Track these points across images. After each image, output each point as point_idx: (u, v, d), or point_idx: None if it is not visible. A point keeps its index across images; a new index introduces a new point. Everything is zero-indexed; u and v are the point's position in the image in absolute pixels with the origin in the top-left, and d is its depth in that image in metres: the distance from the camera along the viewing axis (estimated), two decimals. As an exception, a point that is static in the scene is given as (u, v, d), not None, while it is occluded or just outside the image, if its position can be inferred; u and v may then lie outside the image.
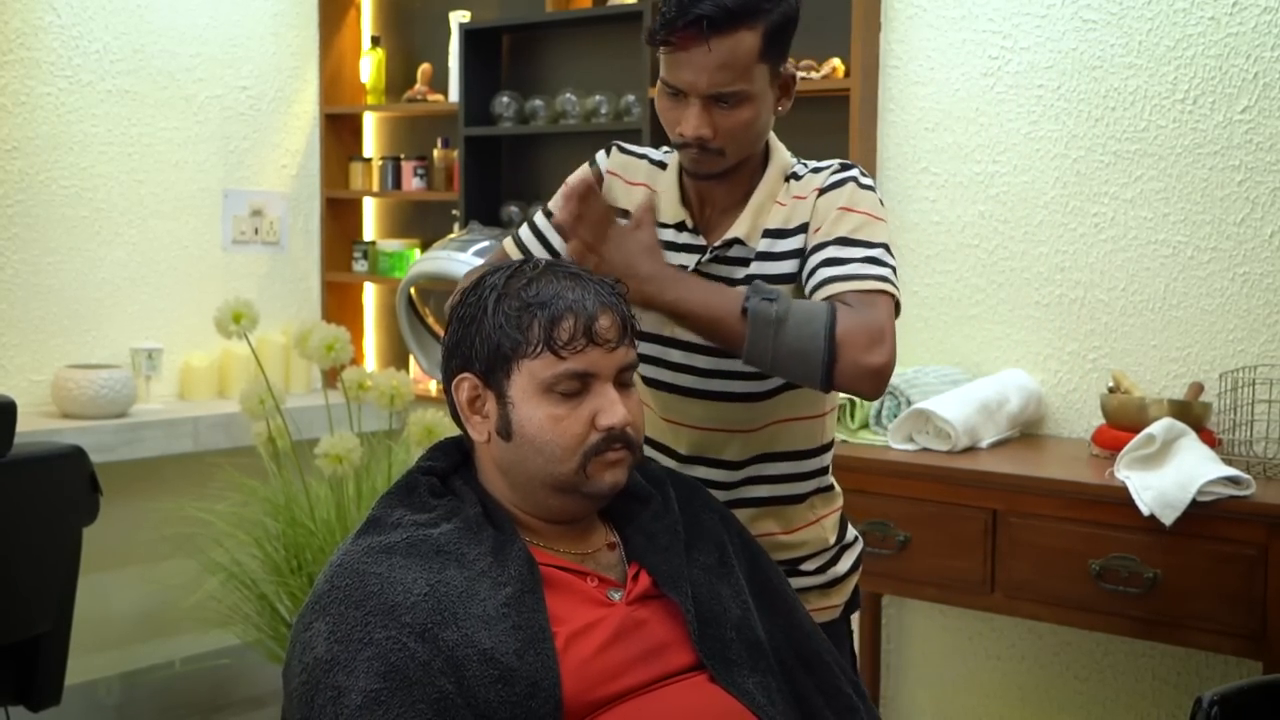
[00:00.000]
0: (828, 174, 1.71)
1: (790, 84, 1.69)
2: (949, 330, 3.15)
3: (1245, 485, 2.35)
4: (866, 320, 1.54)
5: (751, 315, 1.52)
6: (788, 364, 1.54)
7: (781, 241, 1.71)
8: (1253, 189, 2.76)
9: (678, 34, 1.57)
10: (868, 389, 1.55)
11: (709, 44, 1.56)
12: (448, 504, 1.48)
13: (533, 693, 1.32)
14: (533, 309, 1.43)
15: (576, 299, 1.44)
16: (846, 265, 1.61)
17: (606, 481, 1.45)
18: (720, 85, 1.58)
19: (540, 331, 1.42)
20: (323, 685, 1.31)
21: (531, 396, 1.44)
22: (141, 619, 3.73)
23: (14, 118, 3.47)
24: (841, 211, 1.65)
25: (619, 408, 1.44)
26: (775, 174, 1.73)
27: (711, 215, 1.75)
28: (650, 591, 1.48)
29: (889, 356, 1.54)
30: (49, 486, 2.70)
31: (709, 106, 1.60)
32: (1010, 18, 3.02)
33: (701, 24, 1.54)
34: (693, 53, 1.57)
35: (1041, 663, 3.05)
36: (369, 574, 1.37)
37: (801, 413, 1.79)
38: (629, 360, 1.48)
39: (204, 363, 3.85)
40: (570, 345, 1.42)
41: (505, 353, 1.44)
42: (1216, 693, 1.53)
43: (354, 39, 4.28)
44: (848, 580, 1.91)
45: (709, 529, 1.60)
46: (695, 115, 1.60)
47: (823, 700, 1.54)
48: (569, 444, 1.43)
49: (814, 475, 1.84)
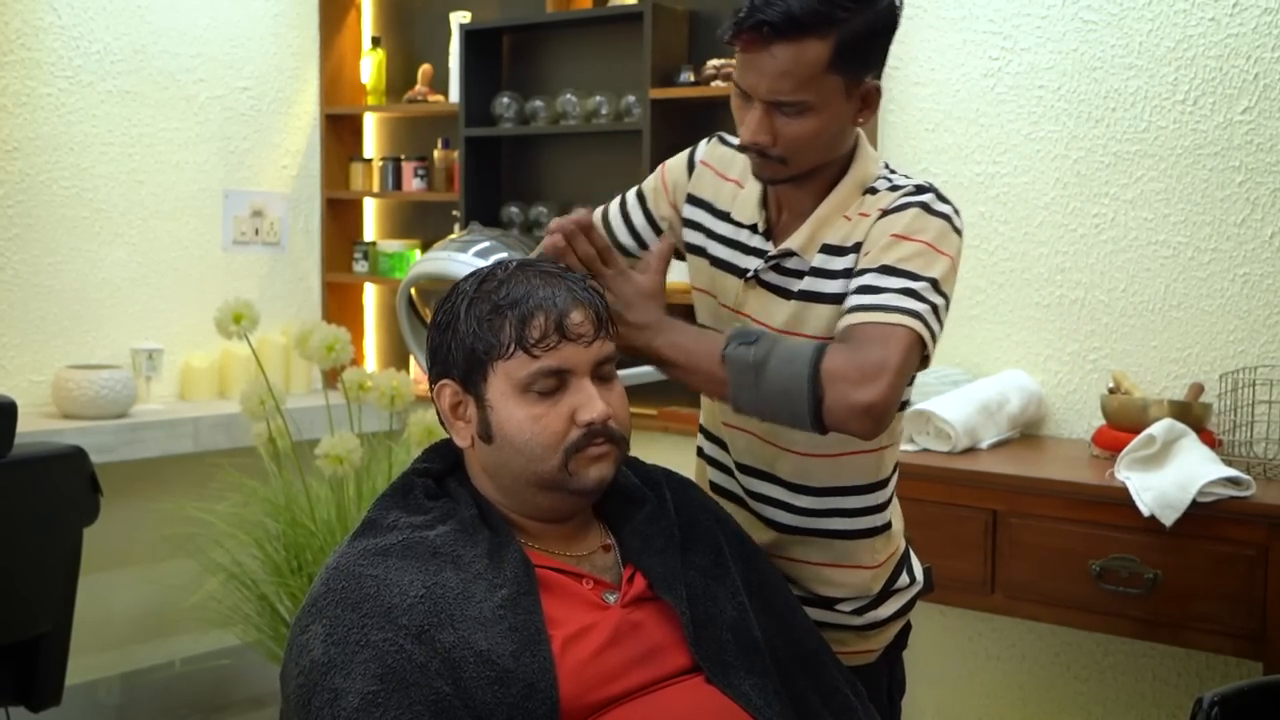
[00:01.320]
0: (899, 194, 1.60)
1: (873, 96, 1.60)
2: (949, 331, 3.14)
3: (1245, 486, 2.35)
4: (863, 356, 1.46)
5: (729, 363, 1.49)
6: (776, 406, 1.48)
7: (837, 259, 1.62)
8: (1253, 190, 2.76)
9: (743, 36, 1.52)
10: (857, 428, 1.46)
11: (771, 50, 1.50)
12: (443, 506, 1.48)
13: (529, 694, 1.32)
14: (503, 310, 1.43)
15: (547, 296, 1.43)
16: (878, 295, 1.52)
17: (591, 477, 1.45)
18: (780, 93, 1.52)
19: (511, 331, 1.42)
20: (320, 688, 1.31)
21: (509, 397, 1.43)
22: (142, 619, 3.73)
23: (14, 118, 3.47)
24: (894, 239, 1.55)
25: (597, 402, 1.43)
26: (850, 186, 1.63)
27: (786, 220, 1.67)
28: (645, 594, 1.48)
29: (883, 394, 1.44)
30: (49, 487, 2.71)
31: (770, 112, 1.54)
32: (1011, 19, 3.02)
33: (763, 29, 1.49)
34: (757, 56, 1.52)
35: (1042, 663, 3.05)
36: (365, 576, 1.37)
37: (853, 446, 1.66)
38: (605, 353, 1.47)
39: (204, 363, 3.85)
40: (542, 343, 1.42)
41: (480, 357, 1.44)
42: (1217, 693, 1.53)
43: (354, 39, 4.28)
44: (888, 626, 1.80)
45: (705, 530, 1.59)
46: (756, 120, 1.55)
47: (820, 700, 1.54)
48: (549, 442, 1.43)
49: (866, 513, 1.73)
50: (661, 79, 3.50)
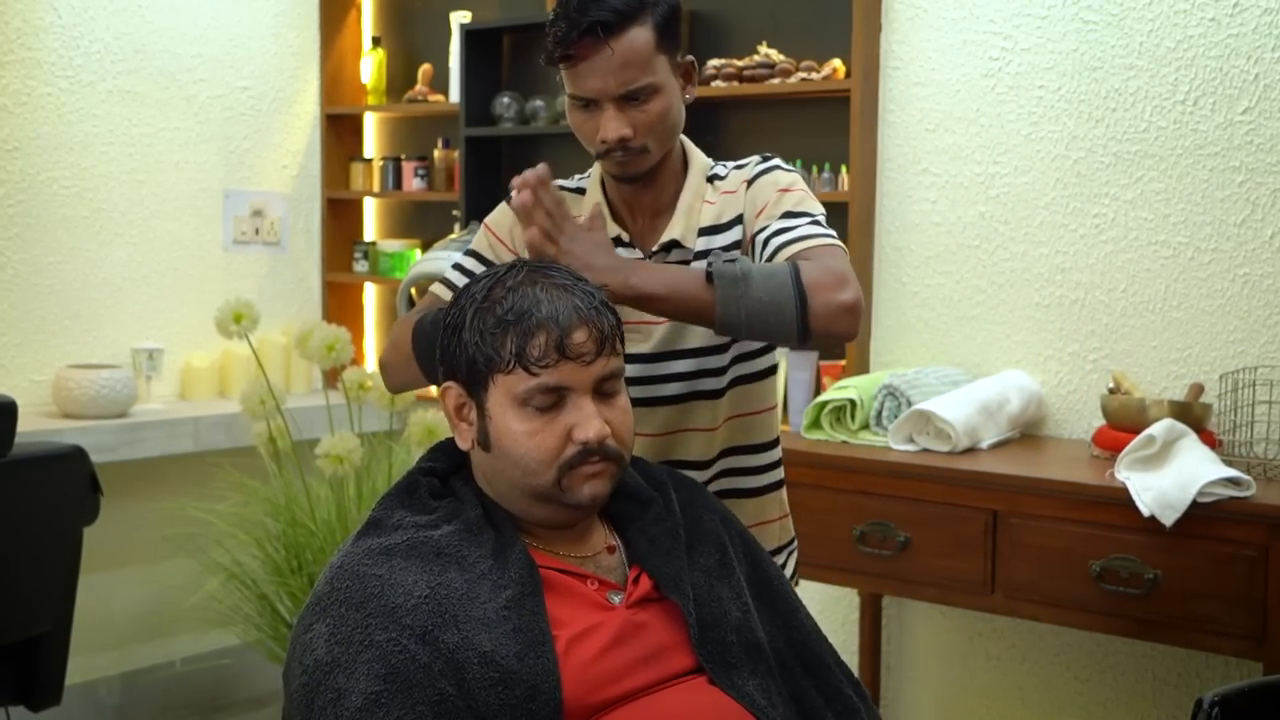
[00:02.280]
0: (752, 167, 1.79)
1: (691, 70, 1.75)
2: (949, 331, 3.15)
3: (1245, 486, 2.35)
4: (827, 266, 1.59)
5: (717, 277, 1.54)
6: (763, 318, 1.55)
7: (718, 237, 1.76)
8: (1253, 190, 2.76)
9: (577, 45, 1.62)
10: (844, 327, 1.58)
11: (610, 47, 1.62)
12: (448, 505, 1.48)
13: (533, 695, 1.32)
14: (506, 325, 1.42)
15: (550, 314, 1.42)
16: (796, 230, 1.68)
17: (585, 493, 1.45)
18: (629, 83, 1.64)
19: (512, 346, 1.42)
20: (323, 687, 1.31)
21: (507, 410, 1.43)
22: (142, 619, 3.73)
23: (15, 118, 3.47)
24: (780, 194, 1.73)
25: (595, 421, 1.43)
26: (697, 175, 1.79)
27: (643, 224, 1.80)
28: (650, 594, 1.48)
29: (858, 294, 1.58)
30: (50, 486, 2.71)
31: (623, 107, 1.65)
32: (1011, 19, 3.02)
33: (597, 30, 1.61)
34: (596, 60, 1.63)
35: (1042, 663, 3.05)
36: (369, 576, 1.37)
37: (752, 408, 1.86)
38: (609, 370, 1.46)
39: (205, 363, 3.85)
40: (542, 361, 1.41)
41: (480, 368, 1.44)
42: (1217, 694, 1.53)
43: (355, 39, 4.28)
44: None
45: (710, 531, 1.59)
46: (612, 118, 1.66)
47: (823, 701, 1.54)
48: (544, 457, 1.43)
49: (772, 468, 1.91)
50: (662, 79, 3.50)
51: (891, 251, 3.22)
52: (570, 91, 1.68)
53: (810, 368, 3.23)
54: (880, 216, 3.24)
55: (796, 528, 2.00)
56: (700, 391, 1.81)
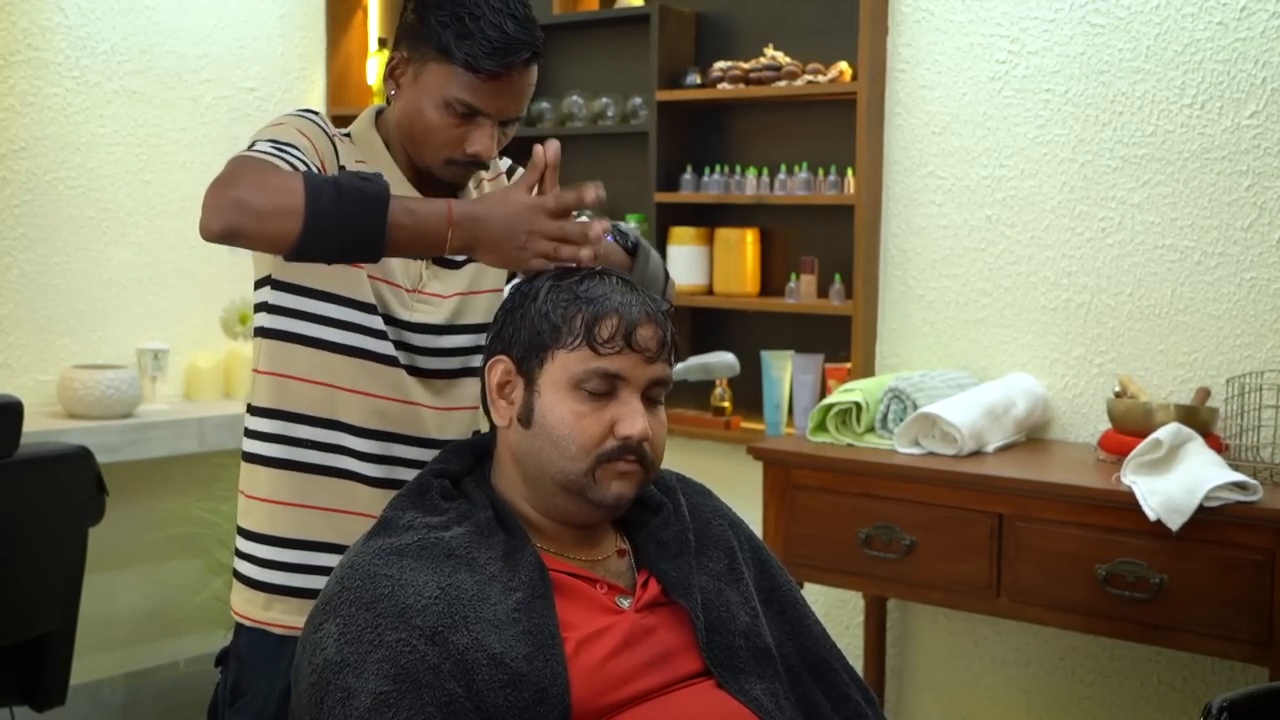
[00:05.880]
0: (499, 161, 1.91)
1: None
2: (955, 334, 3.15)
3: (1252, 490, 2.35)
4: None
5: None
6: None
7: None
8: (1260, 194, 2.75)
9: (515, 67, 1.64)
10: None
11: (525, 74, 1.67)
12: (459, 507, 1.49)
13: (541, 698, 1.33)
14: (580, 302, 1.46)
15: (624, 303, 1.46)
16: None
17: (613, 491, 1.46)
18: (521, 110, 1.72)
19: (582, 325, 1.45)
20: (332, 686, 1.31)
21: (559, 388, 1.45)
22: (146, 619, 3.73)
23: (21, 118, 3.48)
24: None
25: (640, 420, 1.45)
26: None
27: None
28: (659, 599, 1.49)
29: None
30: (55, 486, 2.71)
31: (496, 128, 1.70)
32: (1018, 22, 3.02)
33: (531, 58, 1.65)
34: (514, 83, 1.66)
35: (1047, 667, 3.05)
36: (380, 576, 1.37)
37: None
38: (662, 376, 1.49)
39: (210, 363, 3.85)
40: (609, 344, 1.44)
41: (544, 340, 1.46)
42: (1226, 699, 1.53)
43: (361, 40, 4.29)
44: None
45: (718, 535, 1.60)
46: (488, 136, 1.68)
47: (831, 706, 1.55)
48: (584, 443, 1.44)
49: None
50: (668, 81, 3.50)
51: (897, 254, 3.22)
52: (461, 98, 1.64)
53: (816, 370, 3.23)
54: (886, 219, 3.24)
55: (801, 530, 2.00)
56: (471, 369, 1.77)
